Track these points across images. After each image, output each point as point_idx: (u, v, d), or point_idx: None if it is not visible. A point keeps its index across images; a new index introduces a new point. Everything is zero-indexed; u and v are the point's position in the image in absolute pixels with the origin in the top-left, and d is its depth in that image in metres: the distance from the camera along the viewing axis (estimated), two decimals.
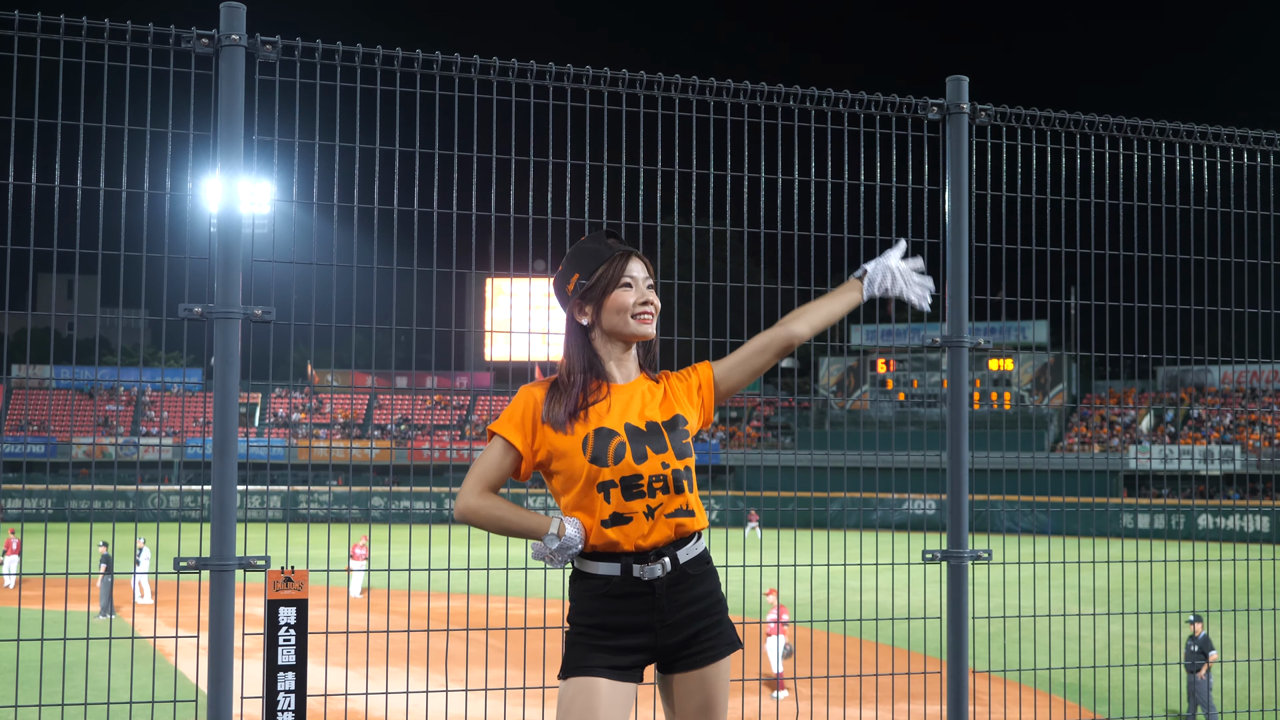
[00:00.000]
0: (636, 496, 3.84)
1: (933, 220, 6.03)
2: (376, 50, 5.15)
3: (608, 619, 3.85)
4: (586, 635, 3.86)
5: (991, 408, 64.69)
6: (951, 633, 5.79)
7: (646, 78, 5.54)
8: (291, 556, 5.04)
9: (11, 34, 4.73)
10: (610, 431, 3.87)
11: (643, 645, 3.86)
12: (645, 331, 3.97)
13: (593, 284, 3.96)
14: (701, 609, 3.93)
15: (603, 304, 3.96)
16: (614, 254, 3.97)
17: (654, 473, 3.86)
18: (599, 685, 3.79)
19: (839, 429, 61.28)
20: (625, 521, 3.84)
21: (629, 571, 3.84)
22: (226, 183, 4.91)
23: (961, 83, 5.98)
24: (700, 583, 3.94)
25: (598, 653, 3.82)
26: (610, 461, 3.83)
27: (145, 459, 50.99)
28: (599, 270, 3.96)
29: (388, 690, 5.40)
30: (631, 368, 4.04)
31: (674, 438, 3.93)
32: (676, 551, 3.89)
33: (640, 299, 3.95)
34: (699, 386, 4.11)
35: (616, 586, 3.85)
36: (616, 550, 3.85)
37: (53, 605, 6.51)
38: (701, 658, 3.91)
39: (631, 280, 3.95)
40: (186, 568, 4.79)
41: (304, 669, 4.75)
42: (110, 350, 72.91)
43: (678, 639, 3.89)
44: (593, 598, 3.87)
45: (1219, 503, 48.20)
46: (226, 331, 4.84)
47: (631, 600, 3.85)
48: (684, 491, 3.91)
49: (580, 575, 3.92)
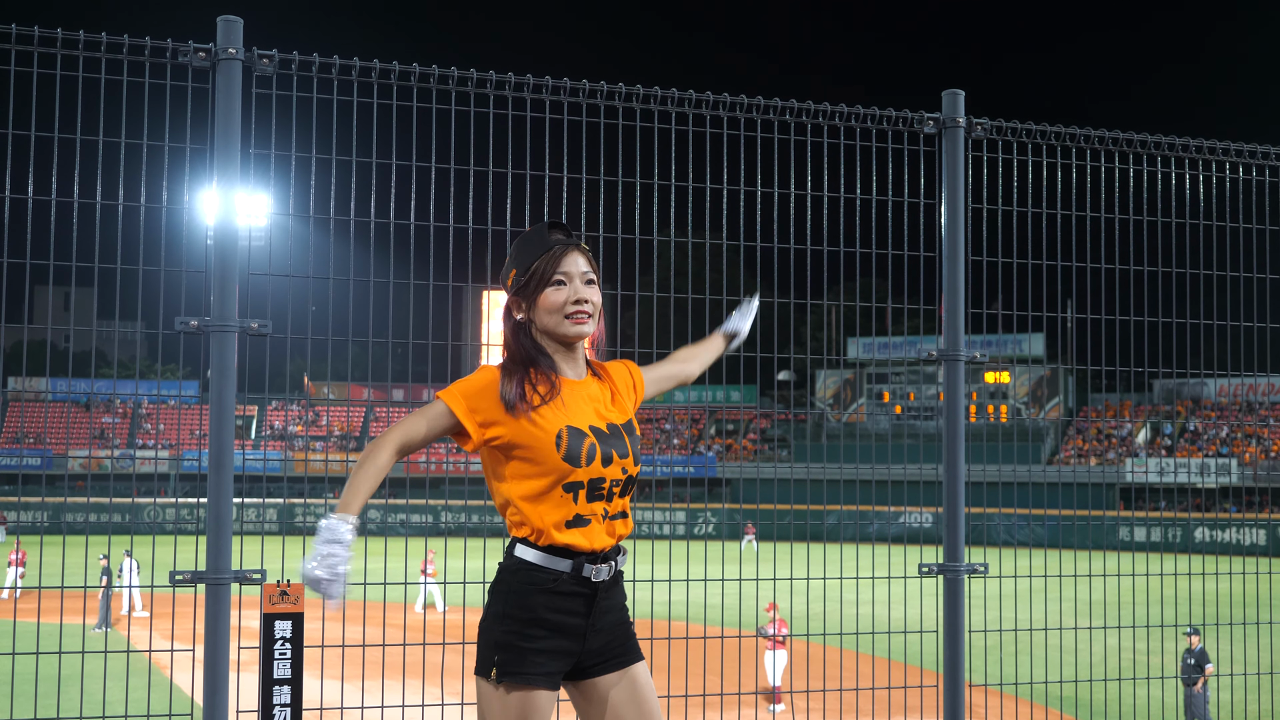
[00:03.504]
0: (598, 499, 3.76)
1: (929, 234, 6.04)
2: (373, 64, 5.16)
3: (547, 616, 3.71)
4: (520, 634, 3.70)
5: (988, 420, 64.67)
6: (948, 646, 5.78)
7: (644, 92, 5.55)
8: (288, 569, 5.04)
9: (9, 47, 4.73)
10: (580, 432, 3.75)
11: (568, 649, 3.76)
12: (579, 332, 3.81)
13: (526, 280, 3.81)
14: (620, 617, 3.89)
15: (535, 302, 3.81)
16: (551, 248, 3.80)
17: (615, 477, 3.79)
18: (540, 700, 3.71)
19: (835, 442, 61.23)
20: (585, 523, 3.74)
21: (579, 571, 3.73)
22: (223, 196, 4.91)
23: (957, 96, 5.99)
24: (620, 591, 3.91)
25: (536, 656, 3.70)
26: (583, 463, 3.72)
27: (141, 471, 50.93)
28: (533, 265, 3.80)
29: (383, 704, 5.38)
30: (580, 367, 3.93)
31: (632, 441, 3.87)
32: (615, 556, 3.84)
33: (573, 297, 3.78)
34: (633, 387, 4.08)
35: (563, 584, 3.72)
36: (571, 550, 3.74)
37: (49, 618, 6.49)
38: (626, 658, 3.87)
39: (565, 277, 3.78)
40: (182, 581, 4.79)
41: (300, 682, 4.74)
42: (107, 363, 72.87)
43: (599, 644, 3.81)
44: (536, 591, 3.72)
45: (1215, 516, 48.18)
46: (223, 344, 4.84)
47: (573, 600, 3.74)
48: (630, 494, 3.87)
49: (523, 567, 3.75)
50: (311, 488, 43.90)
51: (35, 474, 54.86)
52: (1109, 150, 6.37)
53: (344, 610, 5.36)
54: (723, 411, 66.14)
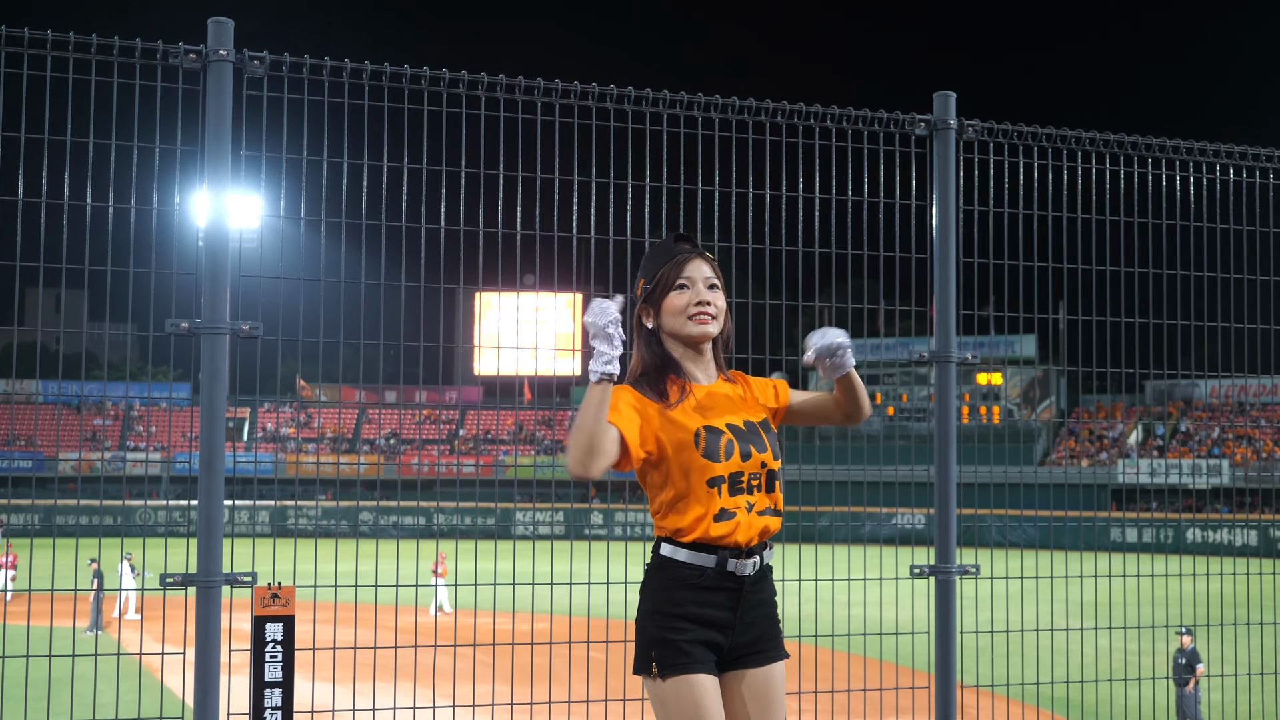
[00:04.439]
0: (740, 493, 3.90)
1: (920, 235, 6.04)
2: (364, 65, 5.15)
3: (695, 610, 3.85)
4: (673, 629, 3.84)
5: (980, 422, 64.73)
6: (940, 647, 5.79)
7: (634, 93, 5.55)
8: (279, 572, 5.03)
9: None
10: (717, 429, 3.91)
11: (719, 642, 3.90)
12: (700, 332, 3.98)
13: (653, 288, 4.03)
14: (768, 611, 4.01)
15: (661, 307, 4.02)
16: (675, 256, 4.02)
17: (753, 470, 3.93)
18: (705, 684, 3.83)
19: (828, 443, 61.25)
20: (730, 517, 3.88)
21: (723, 565, 3.87)
22: (214, 197, 4.90)
23: (949, 98, 5.99)
24: (769, 585, 4.03)
25: (689, 647, 3.83)
26: (722, 458, 3.88)
27: (133, 474, 50.83)
28: (658, 274, 4.02)
29: (375, 706, 5.38)
30: (712, 368, 4.09)
31: (770, 438, 4.01)
32: (762, 551, 3.97)
33: (695, 299, 3.97)
34: (774, 395, 4.18)
35: (708, 578, 3.87)
36: (717, 544, 3.87)
37: (40, 620, 6.48)
38: (765, 656, 3.97)
39: (688, 281, 3.98)
40: (173, 584, 4.78)
41: (291, 685, 4.73)
42: (98, 365, 72.75)
43: (748, 638, 3.94)
44: (683, 588, 3.86)
45: (1207, 516, 48.27)
46: (214, 347, 4.83)
47: (719, 594, 3.87)
48: (774, 491, 3.99)
49: (668, 564, 3.90)
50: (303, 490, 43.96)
51: (26, 476, 54.76)
52: (1099, 152, 6.38)
53: (335, 612, 5.33)
54: None
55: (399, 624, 6.10)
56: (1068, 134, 6.25)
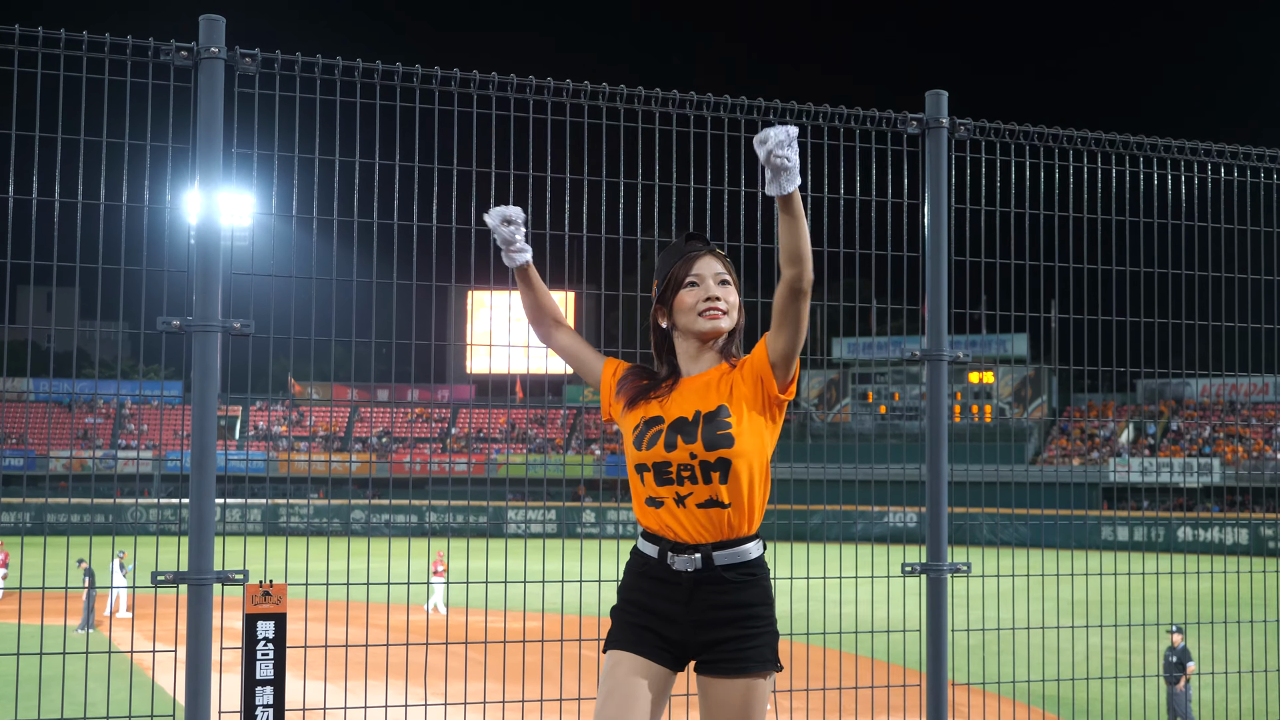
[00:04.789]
0: (667, 483, 3.93)
1: (912, 234, 6.05)
2: (356, 63, 5.15)
3: (642, 598, 3.96)
4: (623, 610, 4.00)
5: (972, 421, 64.80)
6: (931, 645, 5.79)
7: (627, 91, 5.55)
8: (271, 570, 5.02)
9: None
10: (658, 419, 3.99)
11: (671, 635, 3.93)
12: (711, 327, 4.03)
13: (665, 286, 4.09)
14: (734, 617, 3.90)
15: (673, 305, 4.07)
16: (684, 255, 4.07)
17: (682, 461, 3.92)
18: (623, 659, 3.91)
19: (820, 441, 61.28)
20: (658, 505, 3.94)
21: (664, 558, 3.93)
22: (205, 195, 4.90)
23: (941, 97, 6.00)
24: (739, 590, 3.91)
25: (629, 629, 3.94)
26: (644, 446, 3.96)
27: (124, 472, 50.75)
28: (669, 273, 4.09)
29: (366, 704, 5.37)
30: (706, 360, 4.09)
31: (708, 429, 3.92)
32: (714, 551, 3.91)
33: (705, 295, 4.01)
34: (759, 365, 4.04)
35: (653, 568, 3.96)
36: (657, 534, 3.97)
37: (31, 619, 6.47)
38: (723, 667, 3.89)
39: (697, 278, 4.03)
40: (164, 581, 4.77)
41: (282, 683, 4.73)
42: (89, 362, 72.63)
43: (703, 639, 3.91)
44: (633, 574, 4.03)
45: (1198, 515, 48.33)
46: (205, 344, 4.82)
47: (663, 586, 3.94)
48: (714, 482, 3.89)
49: (634, 550, 4.06)
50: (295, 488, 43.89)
51: (17, 475, 54.65)
52: (1091, 151, 6.39)
53: (326, 610, 5.33)
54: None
55: (390, 622, 6.10)
56: (1059, 133, 6.25)
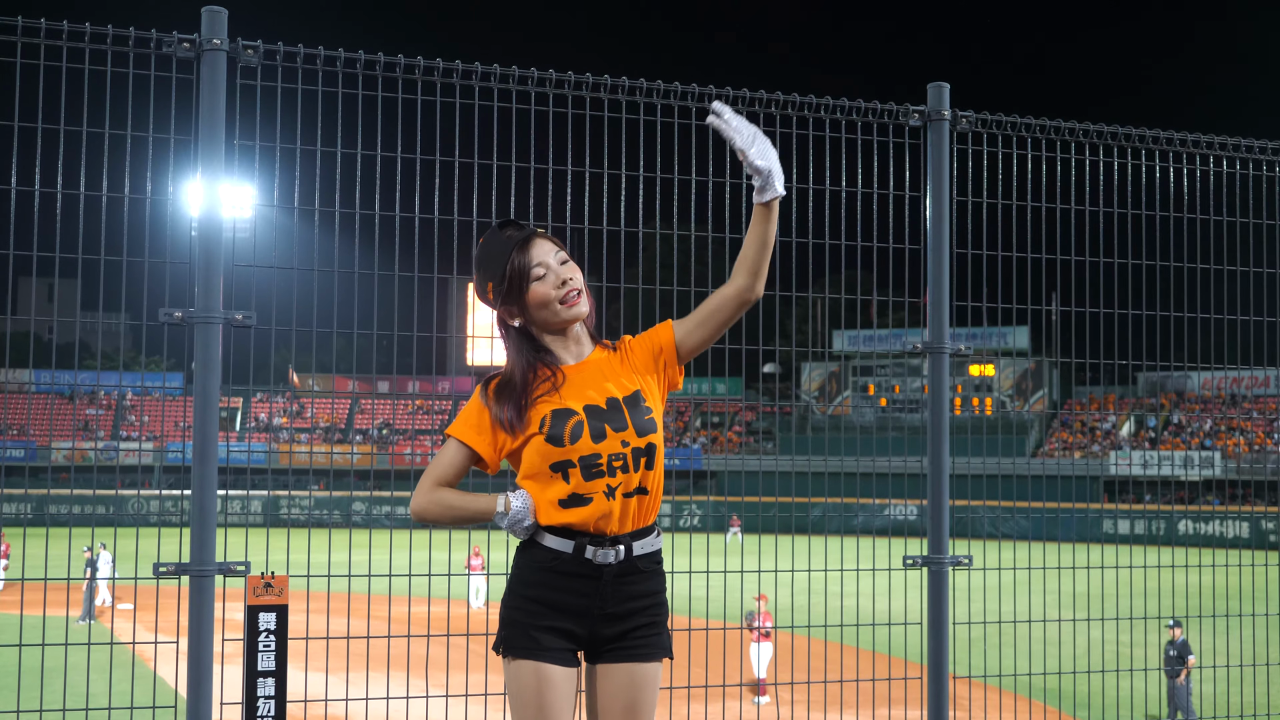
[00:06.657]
0: (596, 476, 3.71)
1: (914, 226, 6.05)
2: (358, 55, 5.14)
3: (548, 594, 3.72)
4: (524, 610, 3.73)
5: (973, 413, 64.82)
6: (932, 638, 5.80)
7: (629, 83, 5.54)
8: (272, 561, 5.03)
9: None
10: (568, 411, 3.74)
11: (575, 631, 3.74)
12: (578, 314, 3.81)
13: (507, 285, 3.78)
14: (643, 606, 3.79)
15: (524, 303, 3.80)
16: (514, 245, 3.78)
17: (613, 451, 3.72)
18: (552, 674, 3.70)
19: (820, 434, 61.30)
20: (585, 503, 3.71)
21: (581, 551, 3.71)
22: (207, 187, 4.90)
23: (943, 89, 5.99)
24: (648, 580, 3.81)
25: (538, 633, 3.70)
26: (567, 441, 3.70)
27: (125, 463, 50.76)
28: (506, 269, 3.77)
29: (368, 696, 5.38)
30: (583, 346, 3.90)
31: (635, 414, 3.78)
32: (634, 542, 3.77)
33: (558, 282, 3.78)
34: (660, 350, 3.91)
35: (564, 564, 3.72)
36: (572, 529, 3.72)
37: (32, 610, 6.47)
38: (634, 653, 3.78)
39: (543, 267, 3.78)
40: (166, 573, 4.78)
41: (284, 675, 4.73)
42: (91, 354, 72.63)
43: (613, 631, 3.76)
44: (537, 570, 3.74)
45: (1199, 508, 48.34)
46: (207, 336, 4.82)
47: (576, 581, 3.72)
48: (642, 469, 3.76)
49: (530, 544, 3.77)
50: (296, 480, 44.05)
51: (19, 466, 54.66)
52: (1093, 144, 6.38)
53: (328, 601, 5.33)
54: (708, 404, 66.15)
55: (391, 614, 6.11)
56: (1061, 125, 6.25)
